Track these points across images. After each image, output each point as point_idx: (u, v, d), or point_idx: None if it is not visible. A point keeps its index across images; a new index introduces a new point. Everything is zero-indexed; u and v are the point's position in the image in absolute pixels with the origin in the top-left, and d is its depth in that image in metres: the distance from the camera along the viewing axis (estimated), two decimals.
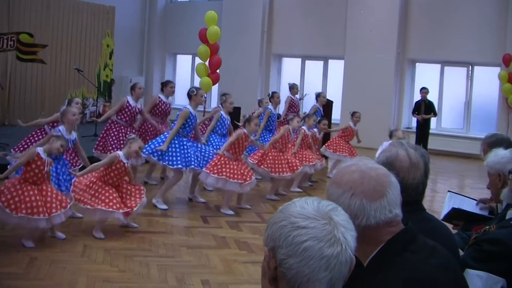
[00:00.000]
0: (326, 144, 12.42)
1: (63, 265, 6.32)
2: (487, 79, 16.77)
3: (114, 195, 7.36)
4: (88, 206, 7.24)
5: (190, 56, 21.65)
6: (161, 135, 9.46)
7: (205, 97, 10.53)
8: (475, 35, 16.35)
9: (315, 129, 11.47)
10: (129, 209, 7.40)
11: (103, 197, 7.29)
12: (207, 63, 14.45)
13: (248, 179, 8.99)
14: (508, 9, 15.91)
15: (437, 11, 17.03)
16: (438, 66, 17.68)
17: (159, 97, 10.79)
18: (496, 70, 16.20)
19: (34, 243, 6.87)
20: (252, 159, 10.29)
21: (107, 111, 10.38)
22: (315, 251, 1.57)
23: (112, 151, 9.32)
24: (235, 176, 8.85)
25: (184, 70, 22.28)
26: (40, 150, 6.93)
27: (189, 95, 9.48)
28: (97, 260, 6.59)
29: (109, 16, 19.50)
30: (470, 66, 17.17)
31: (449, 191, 4.86)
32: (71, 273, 6.10)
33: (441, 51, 16.94)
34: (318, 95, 13.22)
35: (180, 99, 18.28)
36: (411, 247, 2.06)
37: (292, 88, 13.31)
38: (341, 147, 12.34)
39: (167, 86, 10.93)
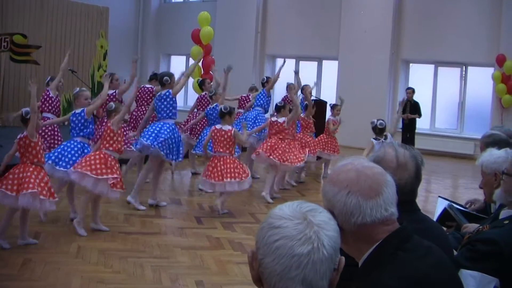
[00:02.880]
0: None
1: (57, 266, 6.31)
2: (481, 79, 16.82)
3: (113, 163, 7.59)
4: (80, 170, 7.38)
5: (184, 57, 21.63)
6: (153, 125, 9.37)
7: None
8: (468, 35, 16.40)
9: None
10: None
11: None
12: (200, 63, 14.46)
13: (244, 177, 8.89)
14: (501, 9, 15.96)
15: (431, 12, 17.08)
16: (432, 66, 17.73)
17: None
18: (490, 71, 16.25)
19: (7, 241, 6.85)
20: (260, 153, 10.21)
21: (100, 112, 10.26)
22: (285, 249, 1.60)
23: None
24: (232, 175, 8.77)
25: (178, 71, 22.19)
26: (20, 135, 6.91)
27: (163, 84, 9.36)
28: (91, 261, 6.58)
29: (103, 17, 19.47)
30: (464, 67, 17.22)
31: (439, 196, 4.83)
32: (65, 274, 6.09)
33: (434, 51, 16.99)
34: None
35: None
36: (405, 246, 2.07)
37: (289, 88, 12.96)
38: (329, 145, 12.24)
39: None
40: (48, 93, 9.70)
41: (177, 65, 22.55)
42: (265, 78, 12.93)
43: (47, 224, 7.78)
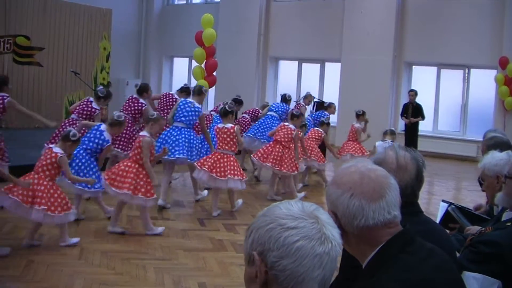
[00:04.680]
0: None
1: (60, 267, 6.32)
2: (484, 81, 16.82)
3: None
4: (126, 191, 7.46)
5: (187, 59, 21.66)
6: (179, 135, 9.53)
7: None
8: (471, 37, 16.38)
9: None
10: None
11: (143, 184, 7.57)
12: (203, 65, 14.48)
13: (244, 176, 9.02)
14: (504, 11, 15.95)
15: (433, 14, 17.06)
16: (435, 68, 17.72)
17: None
18: (493, 73, 16.24)
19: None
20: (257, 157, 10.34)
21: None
22: (307, 250, 1.59)
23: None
24: (235, 173, 8.88)
25: (181, 73, 22.28)
26: (52, 146, 7.14)
27: (194, 92, 9.90)
28: (94, 263, 6.58)
29: (106, 19, 19.49)
30: (467, 69, 17.20)
31: (443, 200, 4.81)
32: (68, 276, 6.09)
33: (437, 53, 16.97)
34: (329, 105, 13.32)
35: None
36: (408, 249, 2.07)
37: (306, 97, 13.49)
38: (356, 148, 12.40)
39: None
40: (91, 104, 9.74)
41: (180, 67, 22.61)
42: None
43: (50, 226, 7.78)
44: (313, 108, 14.78)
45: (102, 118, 10.48)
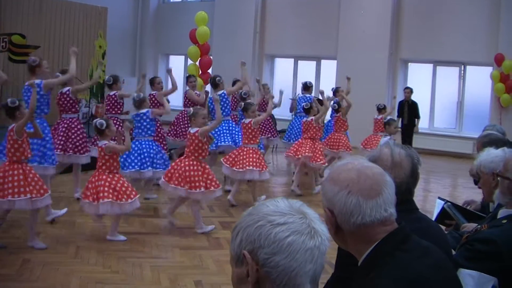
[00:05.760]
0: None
1: (56, 266, 6.31)
2: (480, 78, 16.81)
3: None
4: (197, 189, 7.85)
5: (182, 57, 21.61)
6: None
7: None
8: (467, 35, 16.38)
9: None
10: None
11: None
12: (197, 63, 14.47)
13: (264, 168, 9.53)
14: (500, 8, 15.95)
15: (429, 11, 17.06)
16: (431, 66, 17.71)
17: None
18: (488, 70, 16.24)
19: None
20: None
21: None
22: (299, 244, 1.60)
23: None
24: (254, 164, 9.40)
25: (177, 71, 22.19)
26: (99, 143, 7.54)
27: (212, 84, 11.16)
28: (90, 262, 6.58)
29: (101, 17, 19.44)
30: (463, 66, 17.21)
31: (439, 197, 4.80)
32: (64, 275, 6.09)
33: (433, 51, 16.97)
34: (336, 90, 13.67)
35: (175, 100, 18.17)
36: (404, 247, 2.07)
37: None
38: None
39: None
40: (110, 95, 10.72)
41: (176, 65, 22.54)
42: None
43: (46, 225, 7.77)
44: None
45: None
